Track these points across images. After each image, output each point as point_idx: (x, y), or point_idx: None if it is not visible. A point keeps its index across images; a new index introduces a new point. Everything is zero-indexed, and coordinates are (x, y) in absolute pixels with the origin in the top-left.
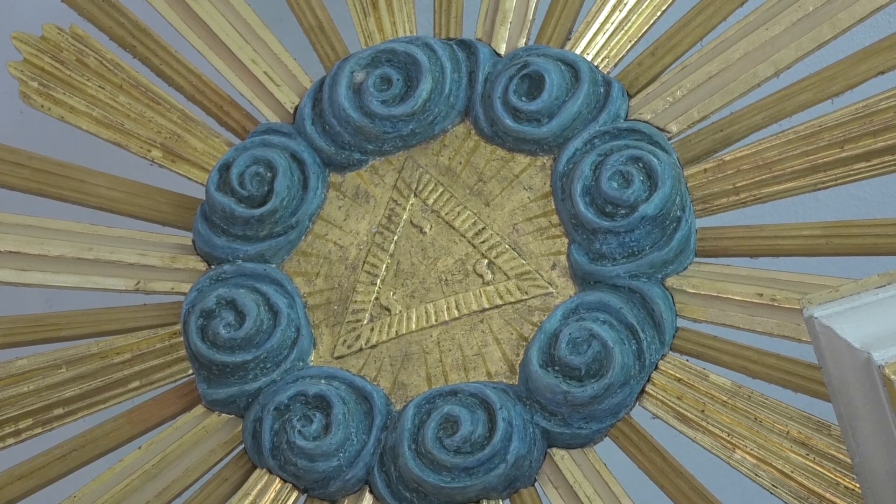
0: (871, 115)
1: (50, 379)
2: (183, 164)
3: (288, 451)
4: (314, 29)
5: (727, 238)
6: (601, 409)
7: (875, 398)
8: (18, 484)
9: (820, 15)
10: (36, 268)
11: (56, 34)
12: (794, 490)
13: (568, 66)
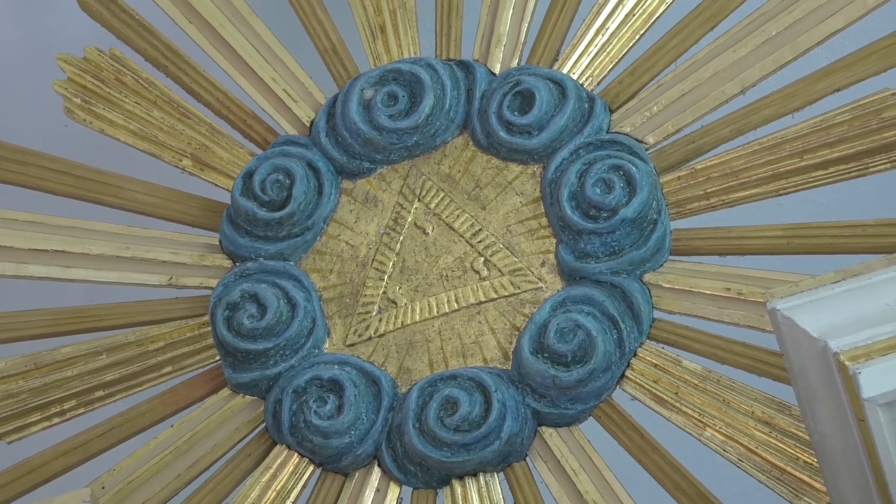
0: (828, 129)
1: (91, 364)
2: (210, 173)
3: (305, 429)
4: (328, 51)
5: (698, 238)
6: (586, 392)
7: (831, 382)
8: (63, 458)
9: (782, 38)
10: (79, 265)
11: (97, 55)
12: (759, 464)
13: (556, 84)
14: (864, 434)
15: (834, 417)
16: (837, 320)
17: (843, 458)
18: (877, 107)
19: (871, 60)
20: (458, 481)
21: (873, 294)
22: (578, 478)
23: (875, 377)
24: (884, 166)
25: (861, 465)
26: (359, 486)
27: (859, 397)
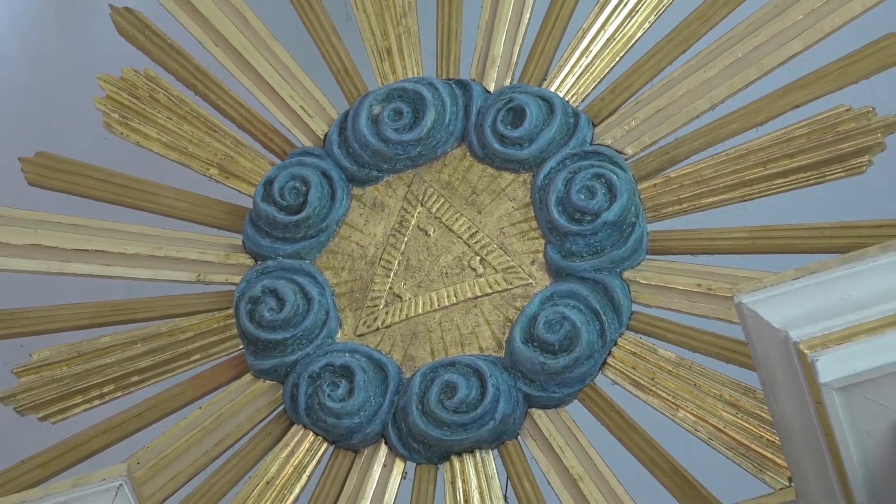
0: (788, 141)
1: (128, 353)
2: (235, 180)
3: (319, 410)
4: (340, 71)
5: (673, 239)
6: (571, 377)
7: (791, 368)
8: (103, 437)
9: (747, 60)
10: (117, 263)
11: (133, 75)
12: (727, 442)
13: (544, 101)
14: (821, 415)
15: (794, 400)
16: (797, 313)
17: (803, 437)
18: (832, 122)
19: (827, 80)
20: (457, 457)
21: (829, 289)
22: (565, 454)
23: (831, 364)
24: (838, 175)
25: (818, 443)
26: (368, 461)
27: (817, 382)
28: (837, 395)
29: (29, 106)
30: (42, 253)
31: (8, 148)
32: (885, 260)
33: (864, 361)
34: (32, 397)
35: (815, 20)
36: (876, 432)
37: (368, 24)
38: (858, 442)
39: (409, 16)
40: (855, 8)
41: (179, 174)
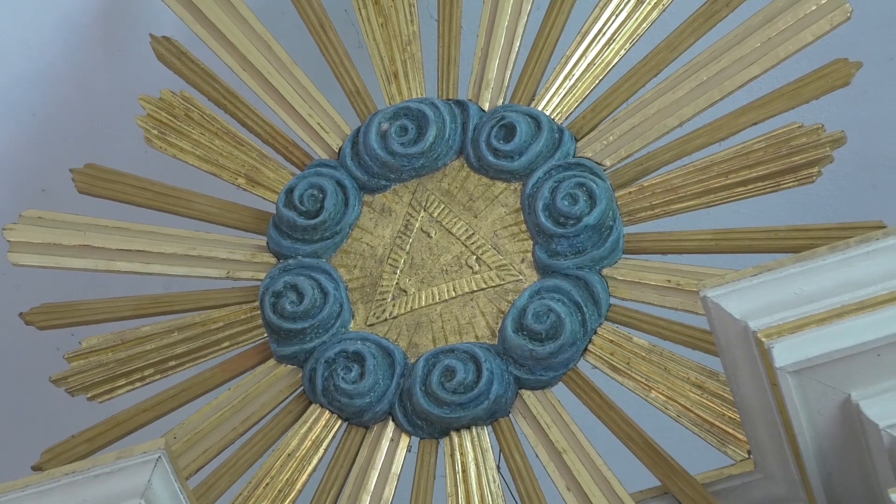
0: (748, 154)
1: (166, 340)
2: (260, 188)
3: (334, 391)
4: (353, 92)
5: (646, 241)
6: (556, 362)
7: (750, 354)
8: (144, 414)
9: (711, 83)
10: (156, 262)
11: (171, 96)
12: (693, 419)
13: (533, 119)
14: (776, 396)
15: (753, 382)
16: (755, 305)
17: (760, 415)
18: (786, 137)
19: (782, 100)
20: (456, 433)
21: (784, 285)
22: (551, 430)
23: (785, 350)
24: (791, 184)
25: (774, 420)
26: (377, 436)
27: (773, 366)
28: (791, 377)
29: (78, 122)
30: (90, 252)
31: (60, 160)
32: (832, 259)
33: (814, 348)
34: (82, 380)
35: (771, 48)
36: (825, 410)
37: (378, 51)
38: (809, 419)
39: (414, 44)
40: (806, 37)
41: (211, 183)
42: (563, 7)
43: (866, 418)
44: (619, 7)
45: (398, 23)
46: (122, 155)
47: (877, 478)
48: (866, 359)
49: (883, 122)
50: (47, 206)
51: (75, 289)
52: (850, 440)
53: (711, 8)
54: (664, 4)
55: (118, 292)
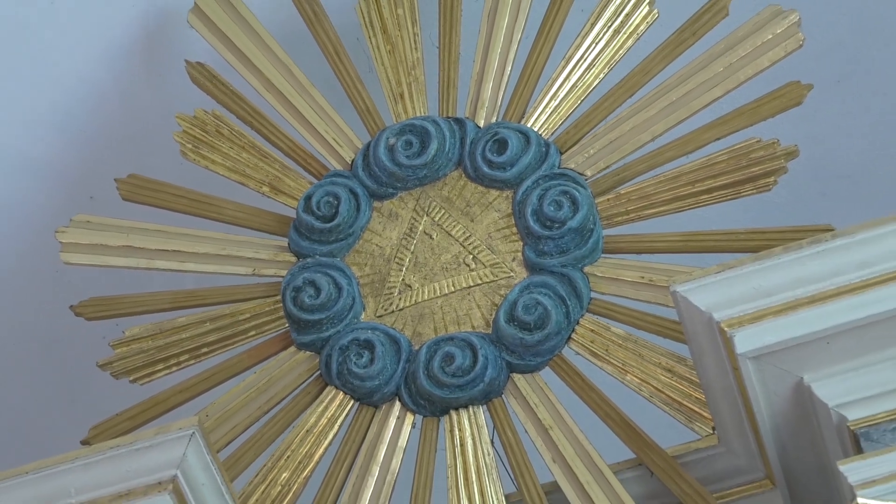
0: (712, 165)
1: (199, 329)
2: (282, 196)
3: (347, 375)
4: (364, 111)
5: (622, 242)
6: (543, 349)
7: (714, 342)
8: (179, 395)
9: (680, 102)
10: (190, 260)
11: (203, 114)
12: (664, 399)
13: (522, 134)
14: (737, 379)
15: (716, 367)
16: (719, 299)
17: (723, 396)
18: (746, 151)
19: (742, 118)
20: (455, 412)
21: (744, 281)
22: (538, 409)
23: (745, 338)
24: (750, 192)
25: (735, 400)
26: (385, 415)
27: (734, 353)
28: (750, 362)
29: (122, 137)
30: (132, 252)
31: (106, 170)
32: (787, 258)
33: (770, 336)
34: (125, 365)
35: (732, 72)
36: (780, 391)
37: (386, 74)
38: (766, 399)
39: (417, 68)
40: (763, 62)
41: (239, 191)
42: (549, 36)
43: (817, 398)
44: (599, 36)
45: (404, 50)
46: (160, 166)
47: (826, 451)
48: (817, 346)
49: (831, 137)
50: (94, 212)
51: (119, 284)
52: (803, 418)
53: (680, 37)
54: (638, 34)
55: (157, 287)
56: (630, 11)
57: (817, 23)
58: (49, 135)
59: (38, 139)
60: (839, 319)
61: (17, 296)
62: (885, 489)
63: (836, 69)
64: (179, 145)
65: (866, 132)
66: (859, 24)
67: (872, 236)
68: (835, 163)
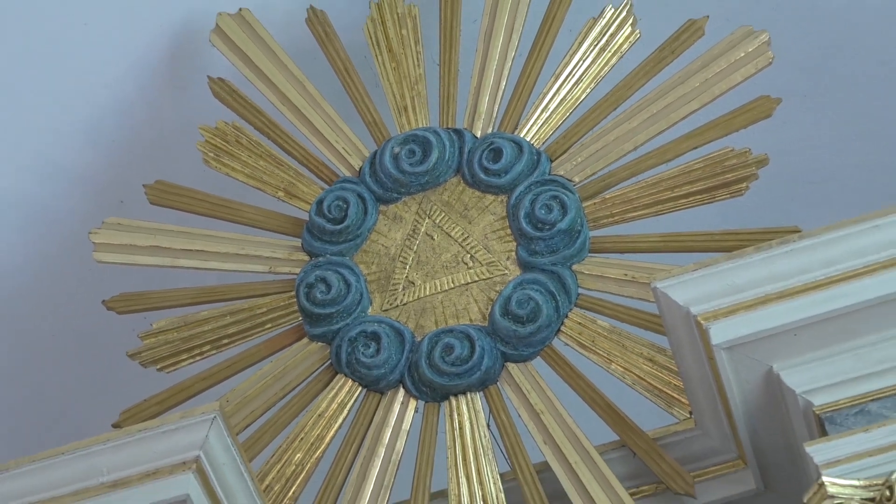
0: (690, 172)
1: (220, 322)
2: (296, 200)
3: (356, 364)
4: (371, 123)
5: (607, 242)
6: (535, 340)
7: (691, 334)
8: (202, 382)
9: (660, 115)
10: (212, 259)
11: (224, 126)
12: (646, 386)
13: (516, 144)
14: (712, 367)
15: (693, 356)
16: (696, 294)
17: (700, 383)
18: (720, 159)
19: (716, 129)
20: (454, 397)
21: (719, 278)
22: (530, 395)
23: (720, 331)
24: (725, 197)
25: (711, 387)
26: (390, 400)
27: (710, 344)
28: (724, 352)
29: (149, 147)
30: (159, 252)
31: (134, 177)
32: (758, 257)
33: (743, 329)
34: (152, 354)
35: (708, 87)
36: (752, 379)
37: (391, 89)
38: (739, 386)
39: (420, 83)
40: (736, 78)
41: (256, 196)
42: (540, 54)
43: (785, 386)
44: (586, 54)
45: (407, 66)
46: (185, 173)
47: (794, 434)
48: (785, 337)
49: (798, 147)
50: (124, 215)
51: (147, 281)
52: (773, 403)
53: (660, 55)
54: (621, 52)
55: (181, 284)
56: (614, 32)
57: (785, 42)
58: (82, 144)
59: (72, 148)
60: (806, 313)
61: (54, 292)
62: (847, 468)
63: (803, 85)
64: (202, 154)
65: (830, 142)
66: (824, 44)
67: (836, 237)
68: (801, 170)
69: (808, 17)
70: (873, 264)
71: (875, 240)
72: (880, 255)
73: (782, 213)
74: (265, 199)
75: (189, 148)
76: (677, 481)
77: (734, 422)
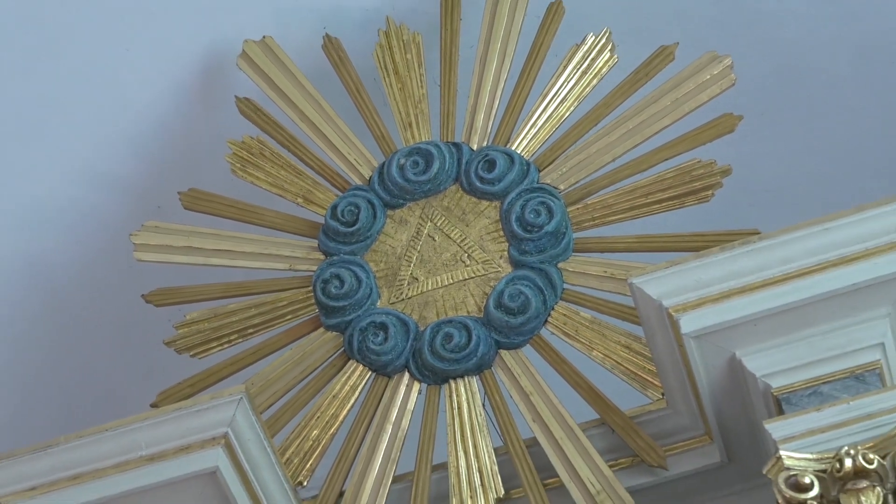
0: (662, 181)
1: (246, 314)
2: (313, 206)
3: (366, 351)
4: (379, 137)
5: (589, 243)
6: (525, 330)
7: (663, 324)
8: (230, 367)
9: (635, 130)
10: (239, 258)
11: (249, 139)
12: (623, 370)
13: (508, 156)
14: (682, 354)
15: (665, 344)
16: (668, 289)
17: (671, 367)
18: (689, 169)
19: (685, 143)
20: (453, 381)
21: (688, 275)
22: (521, 378)
23: (689, 321)
24: (693, 202)
25: (681, 371)
26: (396, 383)
27: (680, 333)
28: (693, 341)
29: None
30: (192, 251)
31: (170, 185)
32: (722, 256)
33: (709, 320)
34: (186, 343)
35: (678, 105)
36: (717, 364)
37: (397, 107)
38: (706, 370)
39: (423, 102)
40: (703, 97)
41: (278, 202)
42: (529, 76)
43: (747, 370)
44: (569, 77)
45: (412, 87)
46: (215, 182)
47: (754, 412)
48: (747, 327)
49: (758, 158)
50: (161, 219)
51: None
52: (735, 385)
53: (635, 77)
54: (601, 75)
55: (212, 280)
56: (595, 57)
57: (746, 66)
58: (125, 155)
59: (116, 159)
60: (764, 306)
61: (100, 287)
62: (801, 444)
63: (761, 104)
64: (230, 165)
65: (785, 155)
66: (780, 69)
67: (791, 238)
68: (760, 180)
69: (765, 45)
70: (824, 262)
71: (825, 241)
72: (830, 255)
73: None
74: (286, 204)
75: (219, 159)
76: (651, 455)
77: (701, 402)
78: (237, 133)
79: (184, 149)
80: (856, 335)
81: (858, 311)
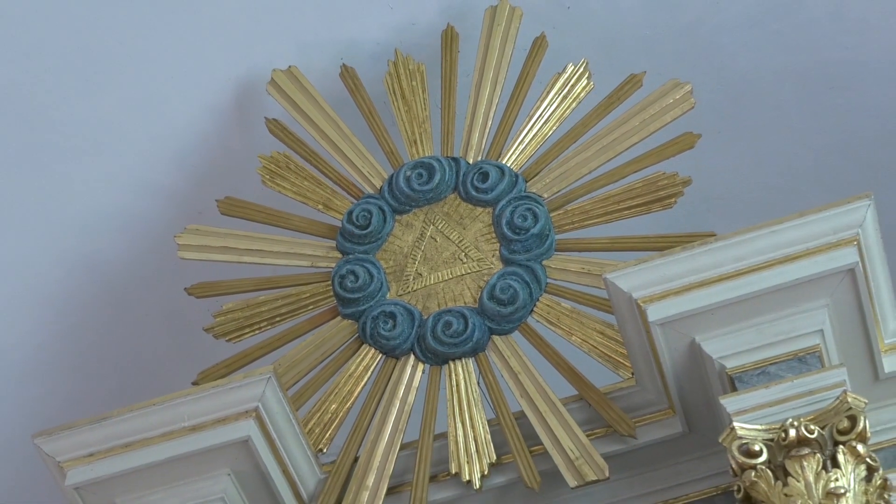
0: (631, 190)
1: (273, 305)
2: (332, 212)
3: (377, 336)
4: (389, 153)
5: (569, 243)
6: (514, 318)
7: (633, 313)
8: (260, 350)
9: (609, 146)
10: (268, 256)
11: (277, 154)
12: (599, 353)
13: (499, 169)
14: (649, 339)
15: (635, 331)
16: (637, 283)
17: (640, 351)
18: (654, 180)
19: (651, 157)
20: (452, 362)
21: (654, 271)
22: (510, 360)
23: (655, 311)
24: (658, 209)
25: (648, 353)
26: (403, 364)
27: (647, 321)
28: (658, 328)
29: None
30: (228, 251)
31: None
32: (684, 255)
33: (672, 310)
34: (223, 329)
35: (645, 125)
36: (679, 348)
37: (404, 127)
38: (669, 353)
39: (426, 122)
40: (666, 118)
41: (302, 208)
42: (517, 100)
43: (705, 353)
44: (552, 100)
45: (417, 109)
46: (248, 191)
47: (711, 389)
48: (705, 316)
49: (714, 170)
50: (202, 223)
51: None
52: (695, 366)
53: (608, 101)
54: (579, 99)
55: (244, 275)
56: (574, 84)
57: (704, 91)
58: (169, 168)
59: (162, 171)
60: (720, 297)
61: (148, 281)
62: (752, 416)
63: (717, 123)
64: (261, 176)
65: (738, 167)
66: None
67: (742, 240)
68: (716, 189)
69: (721, 73)
70: (772, 260)
71: (772, 241)
72: (777, 254)
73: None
74: (308, 210)
75: (251, 171)
76: (623, 426)
77: (666, 380)
78: (267, 149)
79: (221, 162)
80: (798, 323)
81: (801, 302)
